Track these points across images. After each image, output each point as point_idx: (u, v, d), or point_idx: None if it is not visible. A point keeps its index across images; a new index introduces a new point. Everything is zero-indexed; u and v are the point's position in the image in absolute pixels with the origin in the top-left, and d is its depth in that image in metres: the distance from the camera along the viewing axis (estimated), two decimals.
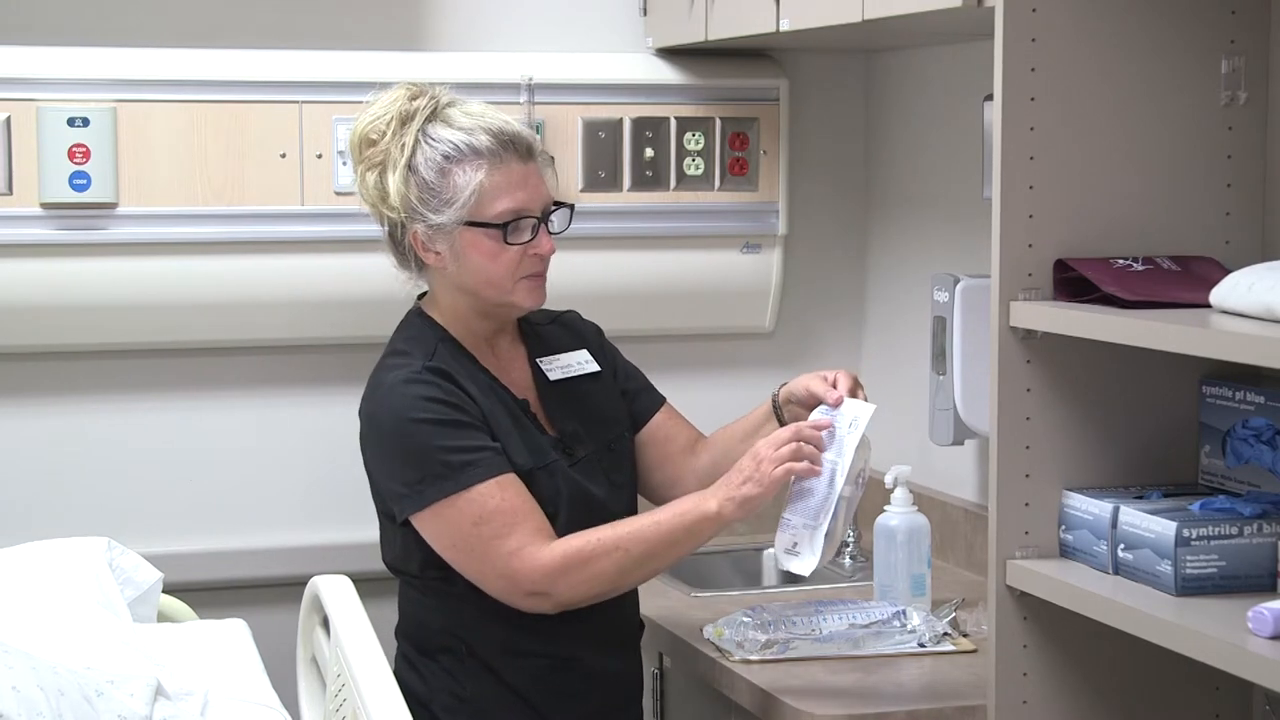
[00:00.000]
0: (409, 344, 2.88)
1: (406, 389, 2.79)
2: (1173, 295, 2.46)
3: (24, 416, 3.60)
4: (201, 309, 3.59)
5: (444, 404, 2.77)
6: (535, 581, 2.75)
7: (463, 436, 2.76)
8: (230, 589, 3.60)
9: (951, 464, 3.63)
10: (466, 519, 2.74)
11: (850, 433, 2.77)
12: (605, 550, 2.74)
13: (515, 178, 2.81)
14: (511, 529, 2.74)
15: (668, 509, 2.79)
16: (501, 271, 2.82)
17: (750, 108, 3.83)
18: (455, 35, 3.78)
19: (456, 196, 2.79)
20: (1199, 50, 2.58)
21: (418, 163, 2.81)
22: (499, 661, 2.84)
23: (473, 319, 2.89)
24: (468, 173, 2.80)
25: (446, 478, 2.74)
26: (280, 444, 3.71)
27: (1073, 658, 2.61)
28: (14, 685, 2.45)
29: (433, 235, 2.82)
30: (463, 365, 2.85)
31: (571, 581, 2.75)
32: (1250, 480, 2.55)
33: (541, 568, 2.74)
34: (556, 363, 2.97)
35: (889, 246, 3.93)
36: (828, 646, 3.03)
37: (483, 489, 2.74)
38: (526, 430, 2.86)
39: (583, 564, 2.74)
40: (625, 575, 2.78)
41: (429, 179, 2.80)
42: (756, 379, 3.90)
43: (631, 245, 3.74)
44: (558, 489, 2.83)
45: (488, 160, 2.80)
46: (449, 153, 2.80)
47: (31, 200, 3.48)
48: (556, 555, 2.74)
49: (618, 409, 3.01)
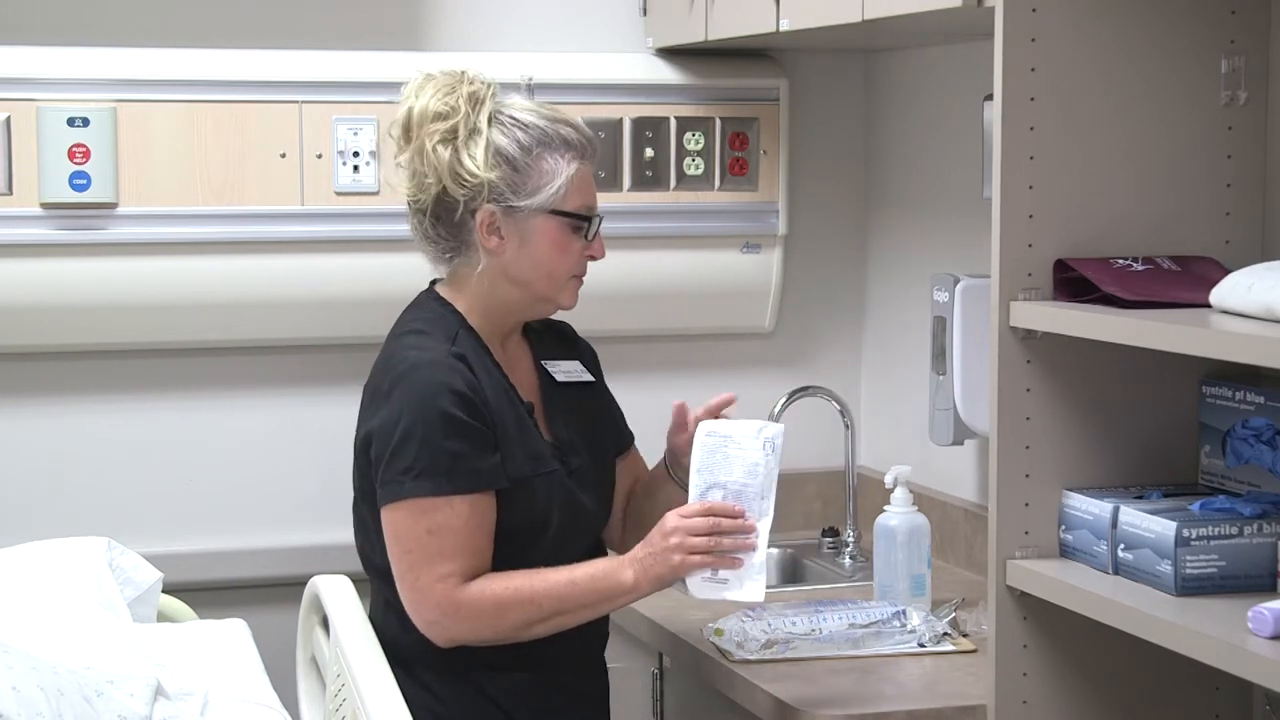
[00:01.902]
0: (429, 325, 2.82)
1: (436, 375, 2.73)
2: (1173, 295, 2.46)
3: (24, 416, 3.60)
4: (201, 309, 3.59)
5: (468, 403, 2.72)
6: (442, 612, 2.71)
7: (471, 443, 2.72)
8: (230, 589, 3.60)
9: (951, 464, 3.63)
10: (424, 524, 2.70)
11: (769, 455, 2.71)
12: (518, 602, 2.71)
13: (587, 176, 2.84)
14: (455, 553, 2.70)
15: (585, 570, 2.74)
16: (564, 265, 2.81)
17: (750, 108, 3.83)
18: (455, 35, 3.78)
19: (546, 182, 2.78)
20: (1199, 50, 2.58)
21: (502, 144, 2.78)
22: (478, 675, 2.80)
23: (498, 313, 2.85)
24: (558, 161, 2.79)
25: (436, 478, 2.70)
26: (280, 444, 3.71)
27: (1073, 658, 2.61)
28: (14, 685, 2.45)
29: (505, 218, 2.78)
30: (479, 357, 2.80)
31: (477, 626, 2.72)
32: (1250, 480, 2.55)
33: (453, 603, 2.70)
34: (559, 367, 2.96)
35: (889, 246, 3.93)
36: (828, 646, 3.03)
37: (459, 502, 2.70)
38: (529, 434, 2.82)
39: (494, 612, 2.71)
40: (529, 629, 2.73)
41: (516, 159, 2.77)
42: (756, 379, 3.91)
43: (631, 245, 3.73)
44: (552, 497, 2.80)
45: (575, 153, 2.81)
46: (540, 138, 2.78)
47: (31, 200, 3.48)
48: (470, 596, 2.70)
49: (609, 426, 3.00)
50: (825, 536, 3.81)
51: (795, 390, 3.73)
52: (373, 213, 3.62)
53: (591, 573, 2.73)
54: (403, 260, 3.60)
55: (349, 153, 3.61)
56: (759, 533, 2.69)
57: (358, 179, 3.62)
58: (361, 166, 3.61)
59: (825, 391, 3.78)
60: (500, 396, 2.79)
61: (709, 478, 2.71)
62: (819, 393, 3.77)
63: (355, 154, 3.61)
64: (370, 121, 3.61)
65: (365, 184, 3.62)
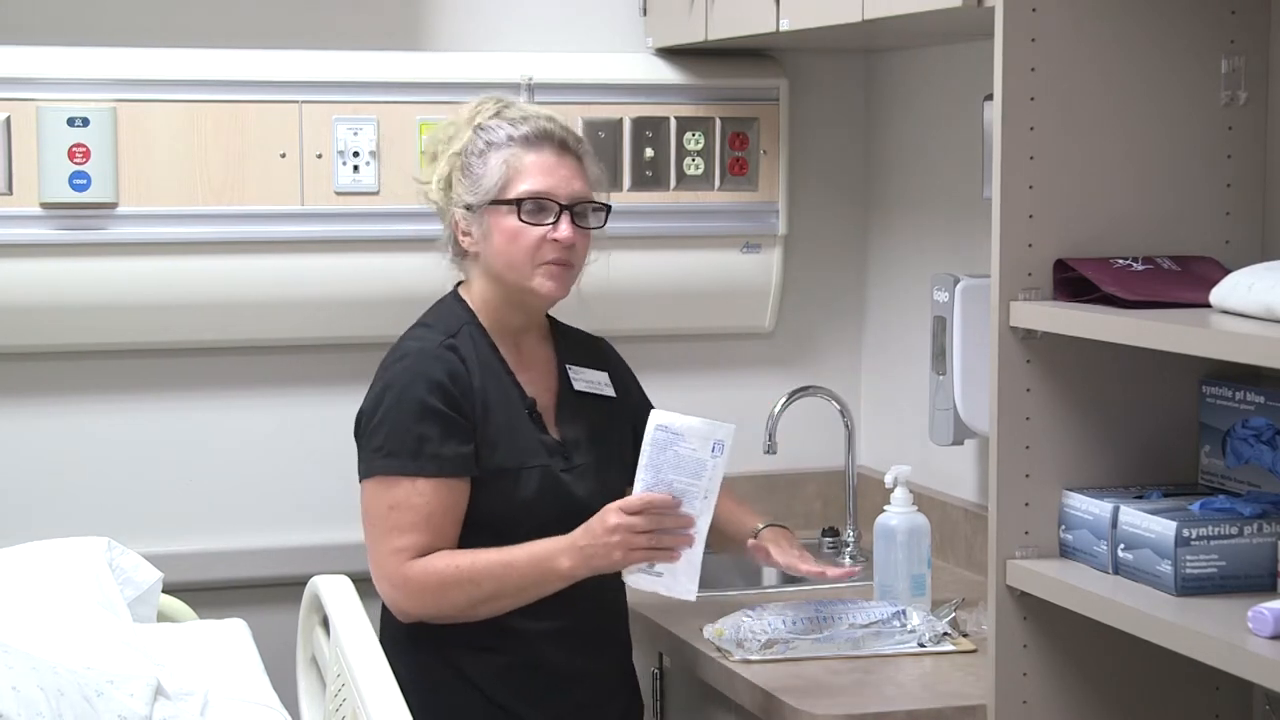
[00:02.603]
0: (436, 319, 2.98)
1: (420, 363, 2.88)
2: (1173, 295, 2.46)
3: (24, 416, 3.59)
4: (201, 309, 3.59)
5: (445, 393, 2.85)
6: (393, 585, 2.85)
7: (442, 430, 2.84)
8: (230, 589, 3.59)
9: (951, 464, 3.63)
10: (387, 500, 2.84)
11: (716, 457, 2.76)
12: (459, 580, 2.82)
13: (544, 164, 2.91)
14: (411, 530, 2.83)
15: (524, 551, 2.82)
16: (520, 254, 2.89)
17: (750, 108, 3.83)
18: (455, 35, 3.78)
19: (488, 177, 2.91)
20: (1199, 50, 2.58)
21: (467, 152, 2.94)
22: (463, 656, 2.90)
23: (503, 309, 2.96)
24: (501, 155, 2.91)
25: (402, 458, 2.84)
26: (280, 444, 3.71)
27: (1073, 658, 2.61)
28: (14, 685, 2.45)
29: (468, 218, 2.93)
30: (480, 351, 2.92)
31: (424, 602, 2.85)
32: (1250, 480, 2.55)
33: (402, 577, 2.83)
34: (583, 375, 3.03)
35: (889, 246, 3.93)
36: (828, 646, 3.03)
37: (422, 483, 2.83)
38: (524, 429, 2.91)
39: (437, 588, 2.82)
40: (475, 608, 2.84)
41: (470, 164, 2.93)
42: (756, 379, 3.91)
43: (631, 245, 3.73)
44: (541, 490, 2.88)
45: (520, 145, 2.92)
46: (492, 140, 2.93)
47: (31, 200, 3.48)
48: (416, 572, 2.82)
49: (622, 441, 3.02)
50: (825, 536, 3.81)
51: (795, 390, 3.73)
52: (372, 213, 3.62)
53: (530, 556, 2.82)
54: (403, 260, 3.62)
55: (349, 153, 3.61)
56: (698, 530, 2.77)
57: (357, 179, 3.62)
58: (361, 166, 3.61)
59: (825, 391, 3.78)
60: (498, 390, 2.91)
61: (655, 474, 2.77)
62: (819, 393, 3.77)
63: (355, 154, 3.61)
64: (370, 121, 3.61)
65: (365, 184, 3.62)
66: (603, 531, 2.77)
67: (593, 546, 2.79)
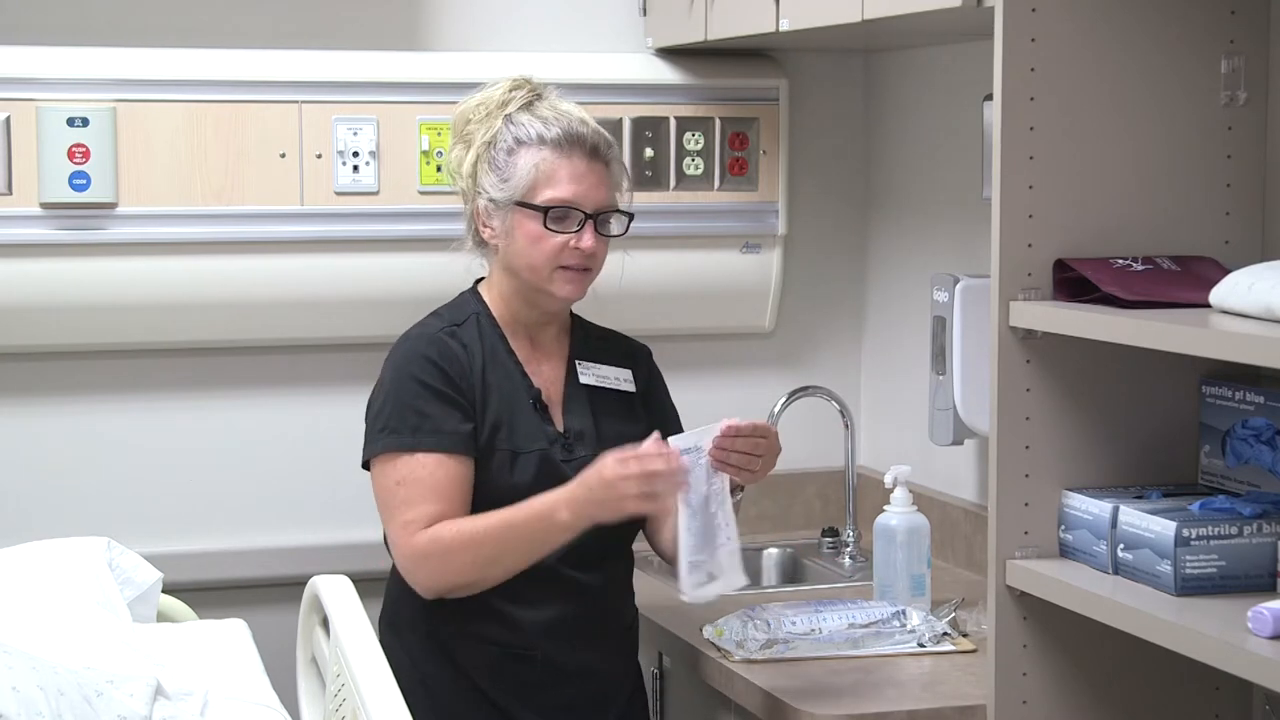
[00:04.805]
0: (448, 309, 3.01)
1: (417, 345, 2.93)
2: (1173, 295, 2.46)
3: (24, 416, 3.59)
4: (201, 309, 3.59)
5: (441, 372, 2.89)
6: (405, 557, 2.87)
7: (440, 408, 2.88)
8: (230, 589, 3.60)
9: (951, 464, 3.64)
10: (393, 477, 2.87)
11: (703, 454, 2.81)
12: (463, 544, 2.84)
13: (574, 171, 2.93)
14: (420, 501, 2.85)
15: (524, 510, 2.84)
16: (541, 258, 2.91)
17: (750, 108, 3.83)
18: (455, 35, 3.78)
19: (516, 177, 2.92)
20: (1199, 50, 2.58)
21: (496, 143, 2.94)
22: (455, 645, 2.92)
23: (518, 304, 2.98)
24: (531, 157, 2.92)
25: (403, 434, 2.87)
26: (280, 444, 3.71)
27: (1073, 658, 2.61)
28: (14, 685, 2.45)
29: (490, 211, 2.94)
30: (487, 340, 2.96)
31: (431, 569, 2.86)
32: (1250, 480, 2.55)
33: (410, 547, 2.86)
34: (594, 370, 3.04)
35: (889, 246, 3.93)
36: (828, 646, 3.03)
37: (424, 457, 2.86)
38: (526, 416, 2.93)
39: (443, 554, 2.84)
40: (483, 570, 2.86)
41: (498, 158, 2.94)
42: (756, 379, 3.91)
43: (631, 245, 3.73)
44: (539, 475, 2.89)
45: (551, 149, 2.92)
46: (521, 137, 2.94)
47: (31, 200, 3.48)
48: (423, 541, 2.85)
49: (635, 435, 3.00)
50: (825, 536, 3.81)
51: (795, 390, 3.73)
52: (372, 213, 3.63)
53: (529, 512, 2.83)
54: (403, 260, 3.62)
55: (349, 153, 3.61)
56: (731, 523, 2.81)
57: (357, 179, 3.62)
58: (361, 166, 3.61)
59: (825, 391, 3.78)
60: (503, 378, 2.94)
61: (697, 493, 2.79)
62: (819, 393, 3.77)
63: (355, 154, 3.61)
64: (370, 121, 3.61)
65: (365, 184, 3.62)
66: (598, 483, 2.78)
67: (589, 496, 2.79)
